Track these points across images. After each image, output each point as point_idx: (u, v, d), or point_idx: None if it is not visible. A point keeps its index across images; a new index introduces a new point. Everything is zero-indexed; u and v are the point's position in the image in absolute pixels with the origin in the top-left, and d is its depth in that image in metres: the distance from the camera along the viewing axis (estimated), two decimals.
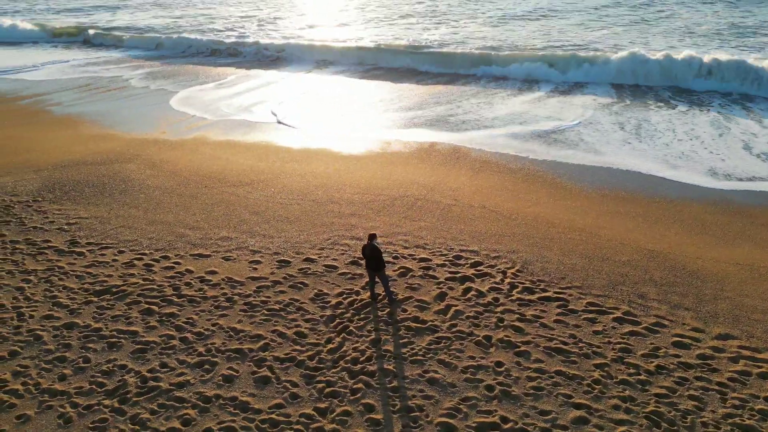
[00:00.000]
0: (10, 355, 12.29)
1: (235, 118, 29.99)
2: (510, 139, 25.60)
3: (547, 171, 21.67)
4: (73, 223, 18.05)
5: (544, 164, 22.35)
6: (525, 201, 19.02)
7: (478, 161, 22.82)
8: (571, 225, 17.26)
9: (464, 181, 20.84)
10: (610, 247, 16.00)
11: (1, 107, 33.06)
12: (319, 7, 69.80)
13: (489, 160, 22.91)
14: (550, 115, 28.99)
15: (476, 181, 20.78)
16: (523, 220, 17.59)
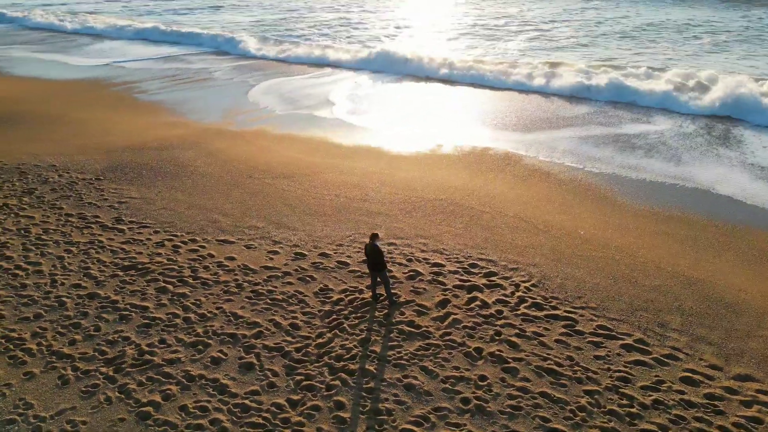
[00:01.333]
0: (34, 317, 13.45)
1: (301, 113, 30.84)
2: (579, 143, 24.65)
3: (600, 183, 20.58)
4: (123, 202, 19.39)
5: (601, 176, 21.23)
6: (564, 214, 18.19)
7: (528, 169, 22.07)
8: (607, 243, 16.31)
9: (505, 188, 20.25)
10: (643, 270, 14.97)
11: (95, 92, 36.01)
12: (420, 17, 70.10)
13: (540, 168, 22.09)
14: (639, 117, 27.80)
15: (518, 189, 20.12)
16: (556, 233, 16.83)
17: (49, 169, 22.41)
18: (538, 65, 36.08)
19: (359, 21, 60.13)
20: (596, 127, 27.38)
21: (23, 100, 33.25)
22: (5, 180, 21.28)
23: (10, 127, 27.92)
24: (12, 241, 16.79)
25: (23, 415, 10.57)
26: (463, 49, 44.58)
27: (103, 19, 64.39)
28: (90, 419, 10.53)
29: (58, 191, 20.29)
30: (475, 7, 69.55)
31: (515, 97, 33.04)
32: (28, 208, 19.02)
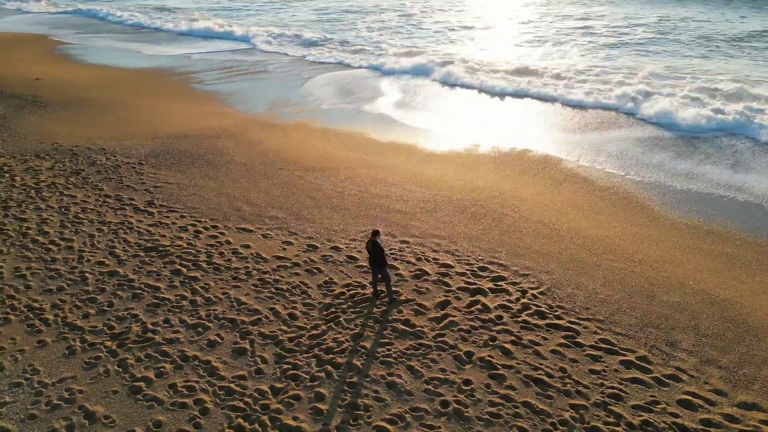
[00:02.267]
0: (57, 289, 14.37)
1: (347, 107, 31.17)
2: (629, 146, 23.78)
3: (639, 192, 19.72)
4: (158, 187, 20.32)
5: (643, 184, 20.33)
6: (592, 221, 17.57)
7: (565, 173, 21.42)
8: (632, 254, 15.64)
9: (535, 192, 19.75)
10: (664, 285, 14.28)
11: (156, 81, 37.74)
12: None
13: (577, 173, 21.39)
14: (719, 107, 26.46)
15: (549, 193, 19.58)
16: (578, 241, 16.30)
17: (99, 152, 23.74)
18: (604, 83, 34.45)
19: (419, 18, 59.84)
20: (652, 128, 26.19)
21: (90, 86, 35.32)
22: (58, 160, 22.74)
23: (73, 112, 29.76)
24: (52, 218, 17.94)
25: (29, 380, 11.33)
26: (528, 56, 43.57)
27: (190, 15, 67.12)
28: (87, 389, 11.16)
29: (103, 173, 21.48)
30: (550, 11, 67.78)
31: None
32: (72, 187, 20.26)
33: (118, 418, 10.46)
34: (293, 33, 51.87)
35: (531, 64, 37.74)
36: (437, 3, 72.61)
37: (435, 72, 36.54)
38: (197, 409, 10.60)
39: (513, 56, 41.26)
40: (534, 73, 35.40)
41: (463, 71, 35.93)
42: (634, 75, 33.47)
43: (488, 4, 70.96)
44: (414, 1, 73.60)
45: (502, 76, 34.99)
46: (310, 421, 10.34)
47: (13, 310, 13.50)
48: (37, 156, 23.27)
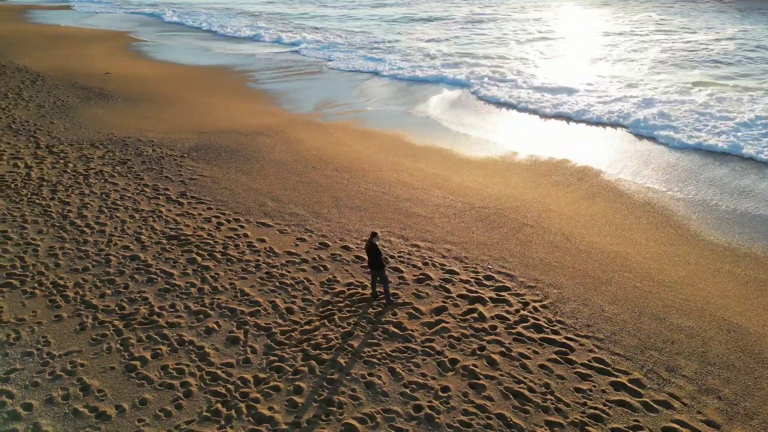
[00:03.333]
0: (82, 269, 15.42)
1: (395, 109, 31.48)
2: (680, 159, 22.62)
3: (680, 210, 18.85)
4: (193, 179, 21.33)
5: (684, 202, 19.42)
6: (618, 237, 16.99)
7: (600, 186, 20.76)
8: (652, 274, 15.04)
9: (564, 203, 19.28)
10: (680, 308, 13.66)
11: (214, 78, 39.42)
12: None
13: (614, 186, 20.68)
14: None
15: (578, 206, 19.06)
16: (597, 257, 15.83)
17: (148, 143, 25.14)
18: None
19: (493, 20, 59.25)
20: (709, 136, 24.90)
21: (153, 81, 37.37)
22: (109, 150, 24.28)
23: (132, 105, 31.62)
24: (92, 203, 19.22)
25: (40, 351, 12.26)
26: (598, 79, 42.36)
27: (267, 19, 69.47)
28: (88, 363, 11.96)
29: (146, 164, 22.75)
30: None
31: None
32: (116, 176, 21.59)
33: (109, 392, 11.15)
34: (348, 38, 52.68)
35: (592, 79, 36.62)
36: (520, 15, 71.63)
37: (481, 86, 36.06)
38: (182, 391, 11.12)
39: (573, 71, 40.16)
40: (591, 91, 34.35)
41: (509, 88, 35.33)
42: (693, 92, 31.84)
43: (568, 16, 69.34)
44: (494, 12, 72.94)
45: (552, 94, 34.17)
46: (284, 412, 10.64)
47: (40, 285, 14.59)
48: (91, 145, 24.92)
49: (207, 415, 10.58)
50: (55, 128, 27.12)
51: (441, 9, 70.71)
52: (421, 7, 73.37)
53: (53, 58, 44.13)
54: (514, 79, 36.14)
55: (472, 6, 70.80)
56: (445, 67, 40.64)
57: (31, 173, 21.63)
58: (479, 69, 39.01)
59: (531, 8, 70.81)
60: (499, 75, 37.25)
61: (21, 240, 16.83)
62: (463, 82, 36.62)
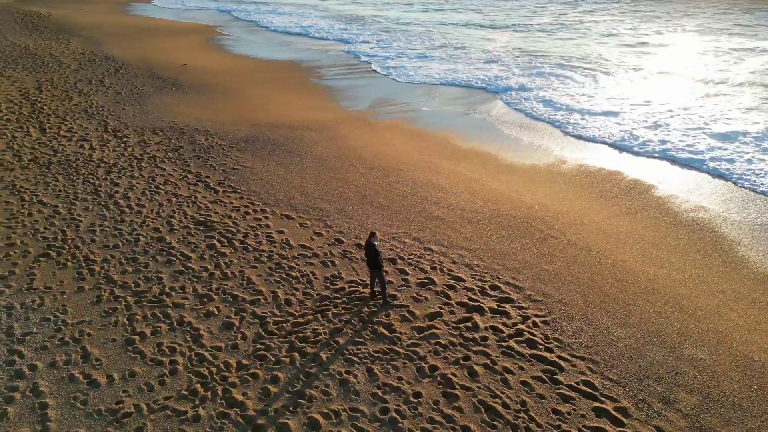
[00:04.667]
0: (113, 246, 16.57)
1: (449, 110, 31.30)
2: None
3: (731, 232, 17.55)
4: (234, 169, 22.27)
5: (739, 225, 18.03)
6: (650, 257, 16.09)
7: (646, 202, 19.68)
8: (676, 299, 14.15)
9: (600, 217, 18.46)
10: (697, 338, 12.81)
11: (280, 72, 40.67)
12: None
13: (665, 203, 19.52)
14: None
15: (615, 221, 18.18)
16: (619, 275, 15.10)
17: (202, 132, 26.48)
18: None
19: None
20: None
21: (224, 74, 39.18)
22: (166, 137, 25.80)
23: (199, 95, 33.35)
24: (138, 185, 20.55)
25: (56, 318, 13.34)
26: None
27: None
28: (94, 333, 12.89)
29: (196, 152, 23.99)
30: None
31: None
32: (166, 161, 22.93)
33: (105, 362, 11.97)
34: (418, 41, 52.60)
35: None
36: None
37: (544, 97, 34.93)
38: (169, 369, 11.74)
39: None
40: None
41: (571, 100, 34.03)
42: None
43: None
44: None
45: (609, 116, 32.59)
46: (256, 399, 10.98)
47: (73, 258, 15.83)
48: (152, 131, 26.57)
49: (185, 393, 11.10)
50: (125, 114, 29.11)
51: (521, 17, 68.98)
52: (497, 15, 71.97)
53: (140, 49, 47.28)
54: (581, 93, 34.77)
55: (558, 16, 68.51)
56: (509, 74, 39.73)
57: (93, 155, 23.38)
58: (546, 81, 37.81)
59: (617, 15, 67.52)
60: (563, 85, 35.96)
61: (68, 215, 18.28)
62: (526, 87, 35.65)
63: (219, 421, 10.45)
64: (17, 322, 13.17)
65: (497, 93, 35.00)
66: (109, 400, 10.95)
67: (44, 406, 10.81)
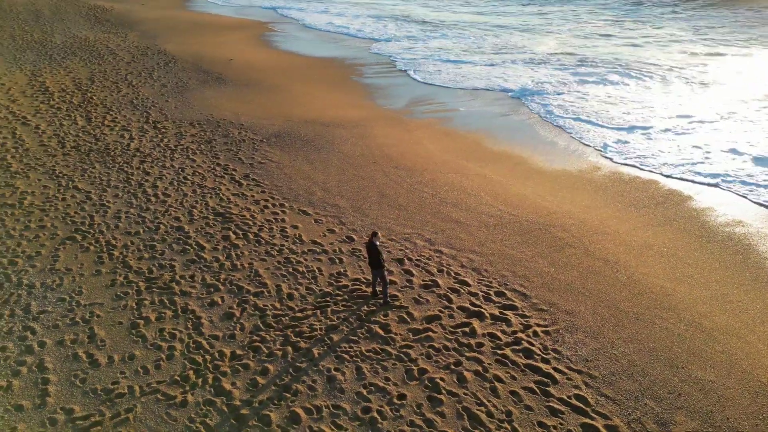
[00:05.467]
0: (134, 233, 17.24)
1: (487, 111, 30.92)
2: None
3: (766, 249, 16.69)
4: (261, 163, 22.74)
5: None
6: (671, 271, 15.45)
7: (680, 213, 18.85)
8: (694, 317, 13.54)
9: (625, 228, 17.83)
10: (707, 359, 12.24)
11: (324, 70, 41.07)
12: None
13: (700, 216, 18.60)
14: None
15: (641, 232, 17.52)
16: (635, 289, 14.58)
17: (237, 126, 27.14)
18: None
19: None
20: None
21: (268, 70, 39.97)
22: (202, 129, 26.59)
23: (240, 90, 34.17)
24: (167, 175, 21.28)
25: (72, 299, 14.01)
26: None
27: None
28: (104, 315, 13.46)
29: (228, 145, 24.61)
30: None
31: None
32: (198, 153, 23.63)
33: (109, 343, 12.48)
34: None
35: None
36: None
37: (590, 107, 33.95)
38: (166, 354, 12.13)
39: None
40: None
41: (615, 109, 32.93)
42: None
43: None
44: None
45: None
46: (243, 389, 11.20)
47: (96, 242, 16.56)
48: (190, 123, 27.43)
49: (177, 378, 11.44)
50: (168, 106, 30.16)
51: (579, 20, 67.07)
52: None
53: (191, 43, 48.82)
54: (627, 101, 33.63)
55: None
56: (554, 79, 38.81)
57: (131, 144, 24.35)
58: (591, 88, 36.75)
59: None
60: (609, 92, 34.86)
61: (98, 201, 19.13)
62: (570, 92, 34.74)
63: (204, 408, 10.71)
64: (35, 300, 13.88)
65: (539, 96, 34.23)
66: (106, 380, 11.40)
67: (46, 381, 11.35)
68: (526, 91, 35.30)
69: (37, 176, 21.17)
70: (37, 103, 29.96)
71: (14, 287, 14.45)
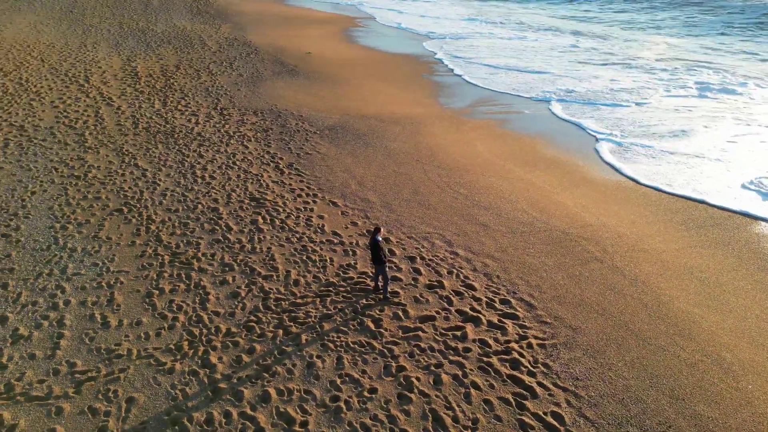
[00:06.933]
0: (173, 210, 18.45)
1: (550, 115, 30.06)
2: None
3: None
4: (308, 154, 23.50)
5: None
6: (705, 298, 14.44)
7: (734, 236, 17.49)
8: (712, 349, 12.64)
9: (669, 247, 16.78)
10: (714, 394, 11.45)
11: (397, 66, 41.34)
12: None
13: (755, 241, 17.24)
14: None
15: (686, 253, 16.44)
16: (654, 311, 13.80)
17: (296, 117, 28.14)
18: None
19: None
20: None
21: (342, 64, 40.91)
22: (263, 118, 27.82)
23: (309, 83, 35.29)
24: (219, 159, 22.54)
25: (104, 265, 15.31)
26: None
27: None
28: (126, 282, 14.61)
29: (282, 134, 25.61)
30: None
31: None
32: (252, 140, 24.80)
33: (123, 308, 13.56)
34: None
35: None
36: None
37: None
38: (169, 324, 13.00)
39: None
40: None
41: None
42: None
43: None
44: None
45: None
46: (227, 365, 11.81)
47: (138, 216, 17.93)
48: (253, 112, 28.77)
49: (171, 347, 12.24)
50: (238, 95, 31.77)
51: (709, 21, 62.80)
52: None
53: (276, 36, 50.88)
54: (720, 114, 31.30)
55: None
56: (644, 84, 36.81)
57: (195, 128, 25.96)
58: (681, 101, 34.47)
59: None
60: (702, 103, 32.58)
61: (151, 179, 20.64)
62: (654, 102, 32.89)
63: (188, 377, 11.39)
64: (73, 263, 15.30)
65: (608, 108, 32.62)
66: (111, 341, 12.41)
67: (60, 336, 12.53)
68: (614, 95, 33.72)
69: (106, 152, 23.10)
70: (125, 86, 32.55)
71: (59, 249, 15.96)
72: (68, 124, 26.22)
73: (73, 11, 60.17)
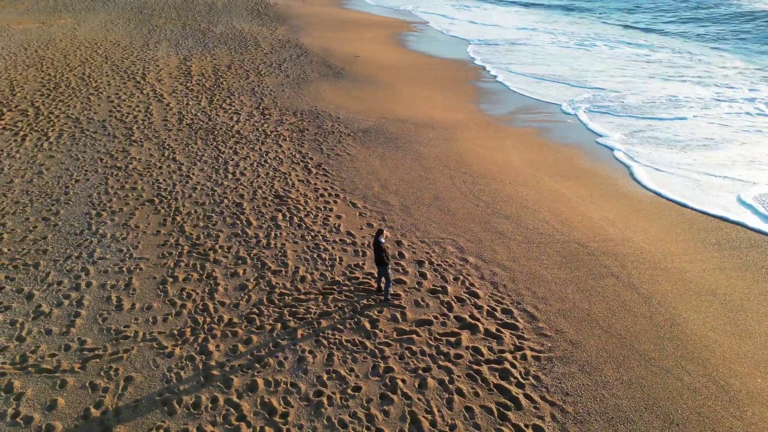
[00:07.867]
0: (200, 203, 19.26)
1: (596, 126, 29.44)
2: None
3: None
4: (338, 155, 23.97)
5: None
6: (722, 321, 13.88)
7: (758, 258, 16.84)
8: (721, 375, 12.17)
9: (696, 267, 16.18)
10: (715, 422, 11.07)
11: (444, 71, 41.33)
12: None
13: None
14: None
15: (713, 274, 15.80)
16: (665, 332, 13.38)
17: (333, 119, 28.71)
18: None
19: None
20: None
21: (389, 68, 41.30)
22: (301, 118, 28.54)
23: (352, 85, 35.85)
24: (252, 157, 23.34)
25: (128, 252, 16.22)
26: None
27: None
28: (145, 269, 15.42)
29: (317, 135, 26.22)
30: None
31: None
32: (287, 140, 25.51)
33: (138, 293, 14.34)
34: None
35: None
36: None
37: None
38: (176, 311, 13.66)
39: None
40: None
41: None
42: None
43: None
44: None
45: None
46: (223, 354, 12.31)
47: (168, 207, 18.84)
48: (293, 113, 29.55)
49: (174, 333, 12.86)
50: (282, 96, 32.69)
51: None
52: None
53: (328, 38, 51.87)
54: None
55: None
56: (707, 99, 35.38)
57: (235, 126, 26.93)
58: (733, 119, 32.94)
59: None
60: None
61: (186, 172, 21.61)
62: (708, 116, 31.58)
63: (185, 362, 11.95)
64: (100, 248, 16.28)
65: (659, 121, 31.48)
66: (121, 323, 13.16)
67: (77, 315, 13.39)
68: (666, 108, 32.61)
69: (149, 146, 24.34)
70: (177, 84, 34.11)
71: (90, 234, 17.01)
72: (119, 118, 27.75)
73: (142, 11, 63.40)
